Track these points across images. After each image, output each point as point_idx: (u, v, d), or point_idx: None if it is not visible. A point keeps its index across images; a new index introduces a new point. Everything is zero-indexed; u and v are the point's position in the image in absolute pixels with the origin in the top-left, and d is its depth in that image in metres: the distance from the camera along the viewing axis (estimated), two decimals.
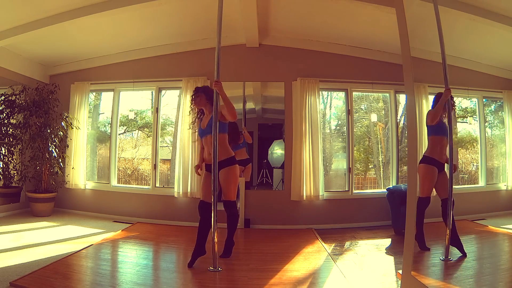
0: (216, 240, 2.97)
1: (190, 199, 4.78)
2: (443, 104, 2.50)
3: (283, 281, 2.76)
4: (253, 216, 4.72)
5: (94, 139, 5.86)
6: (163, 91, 5.28)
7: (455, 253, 2.46)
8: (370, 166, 6.04)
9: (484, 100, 2.62)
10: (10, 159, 5.01)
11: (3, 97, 4.85)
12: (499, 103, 2.44)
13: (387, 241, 4.14)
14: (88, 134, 5.45)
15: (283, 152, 4.89)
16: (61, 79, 5.37)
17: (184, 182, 4.74)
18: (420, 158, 2.63)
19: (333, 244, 3.95)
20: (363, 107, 6.20)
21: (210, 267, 2.98)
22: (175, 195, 4.80)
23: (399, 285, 2.54)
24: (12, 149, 5.03)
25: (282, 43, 4.93)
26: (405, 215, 2.31)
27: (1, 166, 4.96)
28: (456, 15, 2.55)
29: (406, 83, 2.36)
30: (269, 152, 5.03)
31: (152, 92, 5.55)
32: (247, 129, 4.90)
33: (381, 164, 5.83)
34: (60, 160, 5.07)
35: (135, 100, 6.14)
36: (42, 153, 4.87)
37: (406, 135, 4.64)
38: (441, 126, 2.58)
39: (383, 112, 6.02)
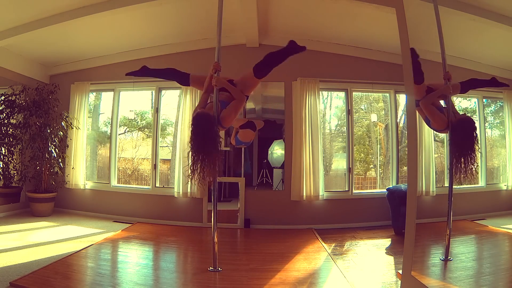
0: (216, 240, 2.97)
1: (190, 199, 4.78)
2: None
3: (283, 281, 2.76)
4: (253, 216, 4.72)
5: (94, 139, 5.86)
6: (163, 91, 5.28)
7: (455, 253, 2.46)
8: (370, 166, 6.05)
9: (484, 100, 2.62)
10: (10, 159, 5.01)
11: (3, 97, 4.85)
12: (500, 103, 2.44)
13: (387, 241, 4.14)
14: (88, 134, 5.45)
15: (283, 152, 4.89)
16: (61, 79, 5.37)
17: (184, 182, 4.74)
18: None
19: (333, 244, 3.95)
20: (363, 107, 6.21)
21: (210, 267, 2.98)
22: (175, 195, 4.79)
23: (399, 285, 2.54)
24: (12, 149, 5.03)
25: (282, 43, 4.85)
26: (405, 215, 2.31)
27: (1, 166, 4.96)
28: (456, 15, 2.55)
29: (406, 83, 2.36)
30: (269, 152, 5.03)
31: (152, 92, 5.55)
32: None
33: (379, 164, 5.83)
34: (60, 160, 5.07)
35: (135, 100, 6.14)
36: (42, 153, 4.87)
37: (406, 135, 4.64)
38: None
39: (383, 112, 6.02)
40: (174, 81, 3.43)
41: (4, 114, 4.89)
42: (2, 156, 4.96)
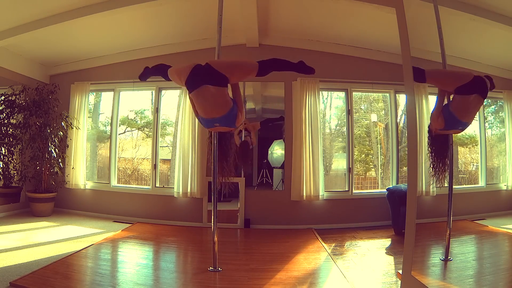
0: (216, 240, 2.98)
1: (190, 199, 4.78)
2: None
3: (283, 281, 2.76)
4: (253, 216, 4.72)
5: (94, 139, 5.86)
6: (163, 91, 5.28)
7: (455, 253, 2.46)
8: (370, 166, 6.04)
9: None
10: (10, 159, 5.00)
11: (3, 97, 4.85)
12: (500, 103, 2.44)
13: (387, 241, 4.14)
14: (88, 134, 5.45)
15: (283, 152, 4.89)
16: (61, 79, 5.37)
17: (184, 182, 4.74)
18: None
19: (333, 244, 3.95)
20: (363, 107, 6.21)
21: (210, 267, 2.98)
22: (175, 195, 4.79)
23: (399, 285, 2.54)
24: (12, 149, 5.03)
25: (282, 43, 4.93)
26: (405, 215, 2.31)
27: (1, 166, 4.95)
28: (456, 15, 2.55)
29: (406, 83, 2.36)
30: (269, 152, 5.03)
31: (152, 92, 5.55)
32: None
33: (379, 164, 5.83)
34: (60, 160, 5.07)
35: (135, 100, 6.14)
36: (42, 153, 4.86)
37: (406, 135, 4.63)
38: None
39: (383, 112, 6.02)
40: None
41: (4, 114, 4.89)
42: (2, 156, 4.96)
